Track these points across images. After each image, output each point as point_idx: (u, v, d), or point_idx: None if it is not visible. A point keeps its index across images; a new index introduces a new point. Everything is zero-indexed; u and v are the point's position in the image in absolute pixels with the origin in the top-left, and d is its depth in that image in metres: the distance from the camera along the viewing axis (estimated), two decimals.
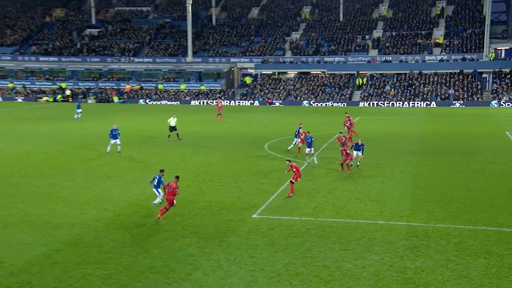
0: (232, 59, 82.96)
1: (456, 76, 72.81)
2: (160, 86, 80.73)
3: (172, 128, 39.38)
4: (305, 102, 71.94)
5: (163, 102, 76.70)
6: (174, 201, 20.26)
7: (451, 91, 69.47)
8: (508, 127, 45.84)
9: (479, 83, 71.30)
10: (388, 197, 23.24)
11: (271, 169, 29.38)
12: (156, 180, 21.13)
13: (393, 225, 19.35)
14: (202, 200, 23.02)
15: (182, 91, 79.36)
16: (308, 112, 62.92)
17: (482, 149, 34.87)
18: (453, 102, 67.06)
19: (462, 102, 66.74)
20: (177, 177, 20.34)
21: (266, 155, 33.64)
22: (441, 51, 76.42)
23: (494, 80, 71.00)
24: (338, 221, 19.87)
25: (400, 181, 26.34)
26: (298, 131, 33.21)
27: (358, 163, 29.23)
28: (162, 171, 21.67)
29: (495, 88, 69.26)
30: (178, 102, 76.27)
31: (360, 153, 29.19)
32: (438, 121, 52.07)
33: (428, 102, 67.67)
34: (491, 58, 73.16)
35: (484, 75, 73.86)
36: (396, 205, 21.93)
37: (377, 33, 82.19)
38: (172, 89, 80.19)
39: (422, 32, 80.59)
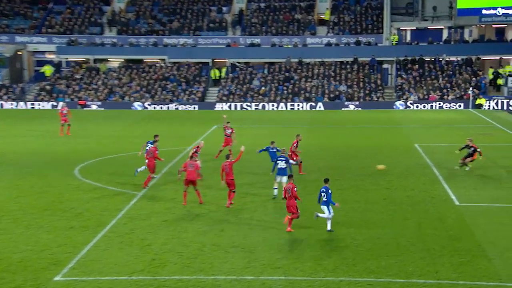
0: (19, 38, 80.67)
1: (349, 66, 76.73)
2: None
3: None
4: (136, 104, 71.58)
5: None
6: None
7: (342, 88, 73.05)
8: (417, 137, 49.03)
9: (378, 76, 75.67)
10: (257, 240, 23.79)
11: (85, 205, 28.89)
12: (323, 194, 24.60)
13: (265, 281, 19.82)
14: None
15: None
16: (141, 118, 62.75)
17: (385, 168, 36.99)
18: (346, 103, 70.41)
19: (357, 103, 70.27)
20: (290, 176, 26.26)
21: (78, 184, 33.10)
22: (328, 31, 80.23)
23: (398, 73, 75.70)
24: (186, 279, 19.98)
25: (274, 216, 27.06)
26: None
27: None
28: (327, 180, 25.16)
29: (399, 84, 73.82)
30: None
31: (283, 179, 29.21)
32: (326, 130, 54.58)
33: (313, 103, 70.39)
34: (394, 42, 78.02)
35: (385, 66, 78.48)
36: (270, 252, 22.52)
37: (239, 4, 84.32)
38: None
39: (301, 3, 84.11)
